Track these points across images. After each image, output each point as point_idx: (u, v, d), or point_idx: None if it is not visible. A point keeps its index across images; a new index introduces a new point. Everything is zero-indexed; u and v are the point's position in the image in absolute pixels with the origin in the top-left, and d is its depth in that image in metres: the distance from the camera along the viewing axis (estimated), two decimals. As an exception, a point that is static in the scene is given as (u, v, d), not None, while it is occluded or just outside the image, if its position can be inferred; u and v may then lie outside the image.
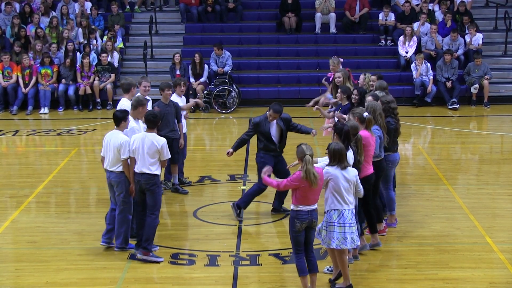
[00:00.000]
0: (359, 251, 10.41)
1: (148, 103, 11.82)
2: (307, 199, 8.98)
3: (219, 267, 10.34)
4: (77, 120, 20.70)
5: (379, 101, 11.17)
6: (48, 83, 21.87)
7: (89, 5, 24.39)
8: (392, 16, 23.83)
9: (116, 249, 10.76)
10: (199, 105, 15.22)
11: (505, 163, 15.91)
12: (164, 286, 9.80)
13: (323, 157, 10.16)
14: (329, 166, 9.23)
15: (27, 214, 12.68)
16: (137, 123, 11.03)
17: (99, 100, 22.04)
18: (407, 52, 22.66)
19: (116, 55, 22.54)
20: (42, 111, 21.65)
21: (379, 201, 11.11)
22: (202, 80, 21.82)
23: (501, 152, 17.35)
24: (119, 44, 23.36)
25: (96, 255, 10.72)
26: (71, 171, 15.51)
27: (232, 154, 12.26)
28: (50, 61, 22.09)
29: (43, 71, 21.94)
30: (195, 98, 21.37)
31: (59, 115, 21.44)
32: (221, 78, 21.82)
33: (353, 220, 9.34)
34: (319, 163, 9.64)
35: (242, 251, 10.88)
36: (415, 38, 22.70)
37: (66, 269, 10.24)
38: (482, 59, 22.18)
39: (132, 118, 10.97)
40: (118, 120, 10.61)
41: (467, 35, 22.90)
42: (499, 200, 13.38)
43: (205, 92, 21.57)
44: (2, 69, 21.94)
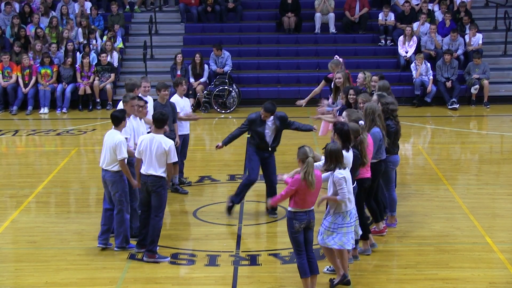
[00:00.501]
0: (359, 252, 10.41)
1: (148, 104, 11.83)
2: (305, 202, 8.97)
3: (219, 267, 10.34)
4: (77, 120, 20.69)
5: (378, 103, 11.15)
6: (48, 83, 21.87)
7: (89, 5, 24.39)
8: (392, 16, 23.83)
9: (116, 248, 10.76)
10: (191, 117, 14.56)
11: (505, 163, 15.91)
12: (164, 286, 9.80)
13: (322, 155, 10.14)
14: (329, 170, 9.19)
15: (27, 214, 12.68)
16: (128, 119, 11.00)
17: (99, 100, 22.03)
18: (406, 52, 22.66)
19: (115, 55, 22.53)
20: (42, 111, 21.64)
21: (373, 202, 11.07)
22: (202, 80, 21.81)
23: (501, 152, 17.36)
24: (119, 44, 23.36)
25: (96, 255, 10.72)
26: (71, 171, 15.51)
27: (221, 147, 12.36)
28: (50, 61, 22.09)
29: (43, 71, 21.94)
30: (194, 99, 21.51)
31: (58, 115, 21.41)
32: (221, 78, 21.82)
33: (355, 217, 9.42)
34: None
35: (242, 251, 10.88)
36: (414, 38, 22.70)
37: (66, 269, 10.25)
38: (483, 59, 22.18)
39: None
40: (117, 120, 10.59)
41: (466, 35, 22.90)
42: (499, 200, 13.38)
43: (205, 92, 21.57)
44: (2, 69, 21.93)
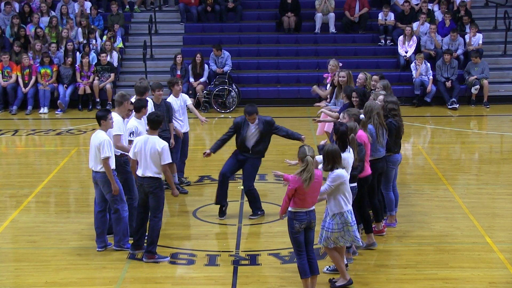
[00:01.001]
0: (352, 255, 10.39)
1: (148, 104, 11.83)
2: (305, 202, 8.98)
3: (219, 267, 10.35)
4: (77, 120, 20.69)
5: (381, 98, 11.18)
6: (47, 83, 21.87)
7: (88, 4, 24.39)
8: (392, 16, 23.83)
9: (114, 247, 10.76)
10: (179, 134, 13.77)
11: (504, 163, 15.92)
12: (164, 285, 9.80)
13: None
14: (326, 169, 9.19)
15: (27, 214, 12.68)
16: (119, 118, 11.00)
17: (98, 100, 22.04)
18: (406, 52, 22.66)
19: (115, 55, 22.52)
20: (42, 110, 21.64)
21: (376, 201, 11.10)
22: (202, 80, 21.82)
23: (501, 152, 17.36)
24: (119, 43, 23.35)
25: (96, 254, 10.72)
26: (71, 171, 15.51)
27: (210, 155, 12.31)
28: (49, 61, 22.08)
29: (42, 71, 21.93)
30: (194, 99, 21.52)
31: (58, 116, 21.41)
32: (221, 78, 21.83)
33: (353, 218, 9.40)
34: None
35: (242, 251, 10.88)
36: (414, 38, 22.70)
37: (65, 269, 10.25)
38: (483, 59, 22.18)
39: (119, 116, 10.97)
40: (100, 120, 10.55)
41: (466, 35, 22.90)
42: (499, 200, 13.39)
43: (204, 92, 21.58)
44: (1, 69, 21.93)
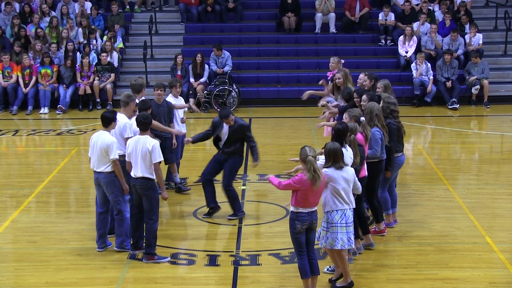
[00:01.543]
0: (353, 253, 10.40)
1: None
2: (307, 201, 8.97)
3: (219, 267, 10.35)
4: (77, 120, 20.70)
5: (381, 102, 11.16)
6: (48, 83, 21.87)
7: (89, 5, 24.39)
8: (392, 16, 23.82)
9: (116, 248, 10.76)
10: (193, 110, 15.53)
11: (505, 163, 15.92)
12: (164, 286, 9.80)
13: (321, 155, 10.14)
14: (325, 167, 9.22)
15: (27, 214, 12.68)
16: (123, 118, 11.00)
17: (99, 100, 22.04)
18: (407, 52, 22.66)
19: (115, 55, 22.52)
20: (42, 111, 21.64)
21: (376, 201, 11.09)
22: (203, 80, 21.82)
23: (501, 152, 17.36)
24: (119, 44, 23.35)
25: (96, 255, 10.72)
26: (71, 171, 15.51)
27: (189, 143, 12.41)
28: (50, 61, 22.09)
29: (43, 71, 21.94)
30: (194, 99, 21.53)
31: (58, 116, 21.41)
32: (221, 78, 21.83)
33: (352, 219, 9.37)
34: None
35: (242, 251, 10.88)
36: (415, 38, 22.70)
37: (66, 269, 10.25)
38: (483, 59, 22.18)
39: (125, 116, 10.96)
40: (107, 121, 10.54)
41: (467, 35, 22.90)
42: (499, 200, 13.39)
43: (205, 92, 21.58)
44: (2, 69, 21.94)
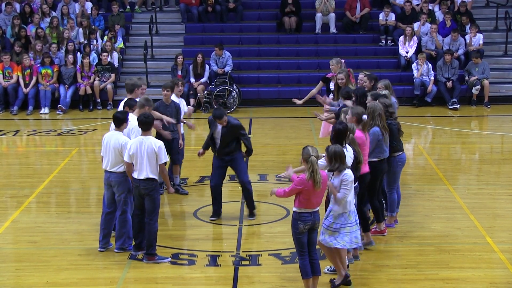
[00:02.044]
0: (354, 257, 10.40)
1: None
2: (310, 202, 8.96)
3: (220, 267, 10.35)
4: (78, 120, 20.70)
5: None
6: (48, 83, 21.87)
7: (89, 5, 24.40)
8: (393, 16, 23.82)
9: (116, 250, 10.74)
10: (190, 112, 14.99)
11: (505, 163, 15.92)
12: (165, 286, 9.80)
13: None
14: (333, 171, 9.18)
15: (28, 214, 12.68)
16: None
17: (99, 100, 22.04)
18: (407, 52, 22.67)
19: (115, 55, 22.53)
20: (43, 111, 21.65)
21: (377, 201, 11.09)
22: (203, 80, 21.83)
23: (502, 152, 17.36)
24: (120, 44, 23.36)
25: (97, 255, 10.72)
26: (72, 171, 15.52)
27: (204, 153, 12.36)
28: (50, 61, 22.09)
29: (43, 71, 21.94)
30: (195, 99, 21.54)
31: (59, 116, 21.42)
32: (222, 78, 21.84)
33: (356, 220, 9.39)
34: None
35: (243, 251, 10.88)
36: (415, 38, 22.70)
37: (66, 269, 10.25)
38: (483, 59, 22.18)
39: (136, 118, 10.94)
40: (119, 122, 10.55)
41: (467, 35, 22.89)
42: (500, 200, 13.39)
43: (205, 92, 21.59)
44: (2, 69, 21.95)
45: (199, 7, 24.69)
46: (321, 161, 9.48)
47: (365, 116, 10.39)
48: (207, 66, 22.03)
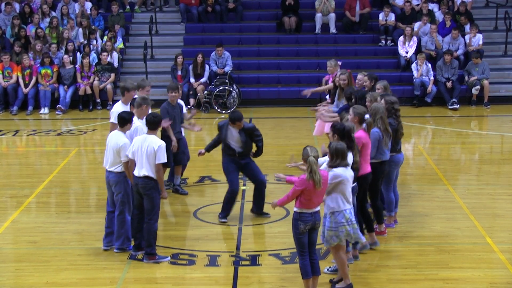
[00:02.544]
0: (359, 251, 10.42)
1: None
2: (311, 202, 8.96)
3: (219, 267, 10.35)
4: (77, 120, 20.70)
5: (382, 101, 11.15)
6: (48, 83, 21.88)
7: (89, 5, 24.40)
8: (392, 16, 23.82)
9: (116, 250, 10.74)
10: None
11: (505, 163, 15.92)
12: (164, 286, 9.81)
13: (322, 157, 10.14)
14: (333, 167, 9.18)
15: (27, 214, 12.68)
16: (142, 122, 10.96)
17: (99, 100, 22.05)
18: (407, 52, 22.67)
19: (115, 55, 22.52)
20: (42, 111, 21.65)
21: (379, 202, 11.11)
22: (203, 80, 21.83)
23: (501, 152, 17.36)
24: (119, 44, 23.36)
25: (96, 255, 10.72)
26: (71, 171, 15.51)
27: (204, 154, 12.37)
28: (50, 61, 22.09)
29: (43, 71, 21.94)
30: (195, 99, 21.54)
31: (58, 116, 21.41)
32: (221, 78, 21.84)
33: (353, 218, 9.38)
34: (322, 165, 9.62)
35: (242, 251, 10.88)
36: (415, 38, 22.70)
37: (66, 269, 10.25)
38: (483, 59, 22.18)
39: (136, 118, 10.94)
40: (124, 122, 10.53)
41: (467, 36, 22.89)
42: (499, 200, 13.39)
43: (205, 92, 21.59)
44: (2, 69, 21.95)
45: (199, 7, 24.69)
46: (323, 158, 9.49)
47: (367, 116, 10.39)
48: (207, 66, 22.03)
